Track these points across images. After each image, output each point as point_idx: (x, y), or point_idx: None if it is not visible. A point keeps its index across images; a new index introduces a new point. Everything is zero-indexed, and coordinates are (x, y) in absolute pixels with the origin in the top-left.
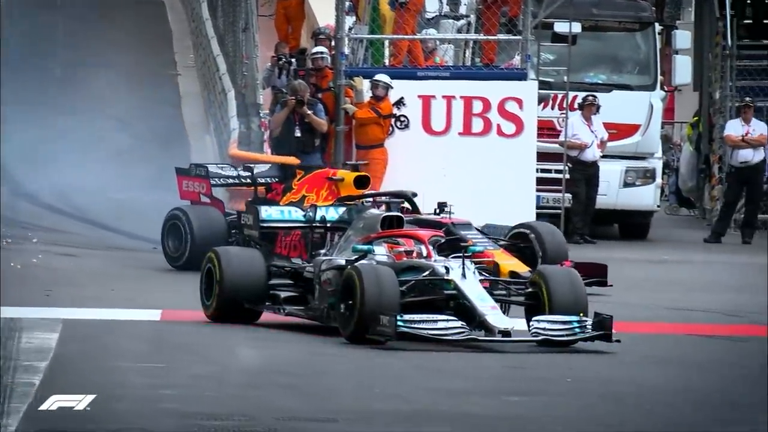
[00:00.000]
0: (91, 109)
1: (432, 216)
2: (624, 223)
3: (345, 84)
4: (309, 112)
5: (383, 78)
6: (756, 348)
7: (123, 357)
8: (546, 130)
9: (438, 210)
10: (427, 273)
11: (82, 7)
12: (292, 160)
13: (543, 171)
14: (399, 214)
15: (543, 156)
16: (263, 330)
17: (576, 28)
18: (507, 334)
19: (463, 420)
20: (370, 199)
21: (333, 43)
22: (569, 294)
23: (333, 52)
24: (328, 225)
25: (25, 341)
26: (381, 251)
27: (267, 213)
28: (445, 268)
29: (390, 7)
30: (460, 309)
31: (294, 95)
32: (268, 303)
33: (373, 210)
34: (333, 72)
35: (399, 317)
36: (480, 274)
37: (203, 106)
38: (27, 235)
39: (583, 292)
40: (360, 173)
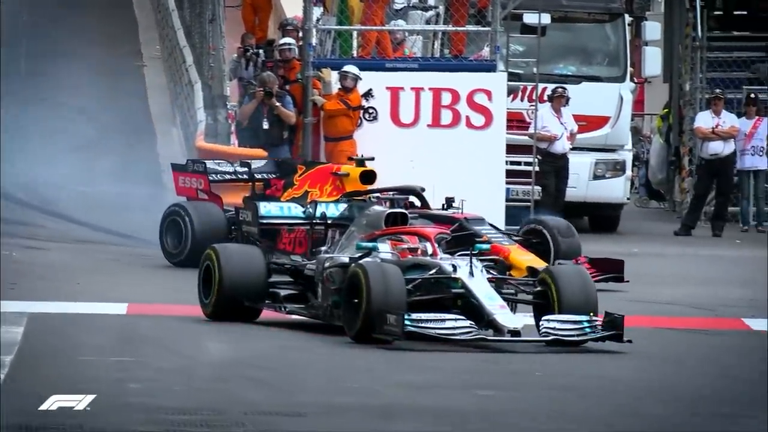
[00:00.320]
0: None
1: (444, 211)
2: (594, 216)
3: (313, 75)
4: (278, 104)
5: (352, 69)
6: (729, 342)
7: (89, 351)
8: (515, 122)
9: (446, 205)
10: (434, 271)
11: None
12: (259, 152)
13: (512, 163)
14: (403, 210)
15: (512, 148)
16: (232, 324)
17: (545, 19)
18: (516, 333)
19: (434, 414)
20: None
21: (301, 35)
22: (579, 293)
23: (300, 43)
24: (328, 222)
25: None
26: (385, 249)
27: (266, 209)
28: (453, 266)
29: None
30: (467, 308)
31: (263, 87)
32: (267, 301)
33: (377, 206)
34: (301, 63)
35: (407, 316)
36: (487, 272)
37: (170, 97)
38: None
39: (593, 290)
40: (366, 168)
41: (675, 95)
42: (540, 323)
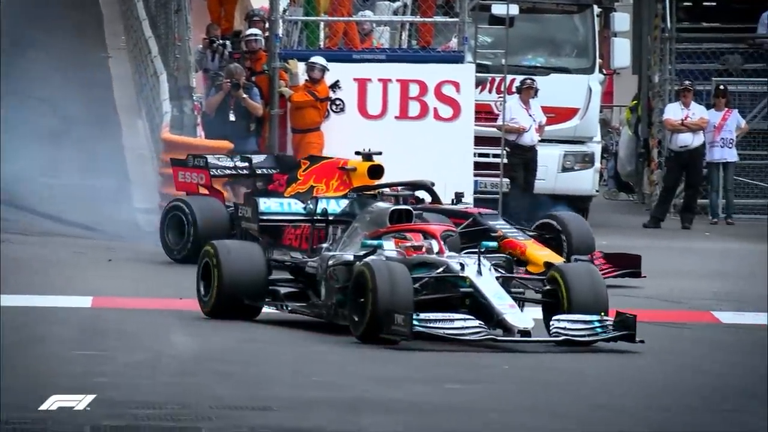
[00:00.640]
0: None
1: (458, 206)
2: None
3: (279, 67)
4: (245, 96)
5: (319, 60)
6: (701, 335)
7: (54, 344)
8: (483, 113)
9: (455, 200)
10: (441, 270)
11: None
12: (225, 144)
13: (480, 155)
14: (408, 207)
15: (480, 140)
16: (197, 316)
17: (513, 10)
18: (527, 334)
19: (401, 408)
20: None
21: (267, 25)
22: (589, 292)
23: (267, 34)
24: (330, 218)
25: None
26: (391, 246)
27: (266, 205)
28: (460, 264)
29: None
30: (475, 307)
31: (230, 79)
32: (268, 299)
33: (380, 203)
34: (267, 54)
35: (415, 316)
36: (496, 270)
37: (135, 89)
38: None
39: (604, 290)
40: (374, 163)
41: (644, 87)
42: (550, 323)
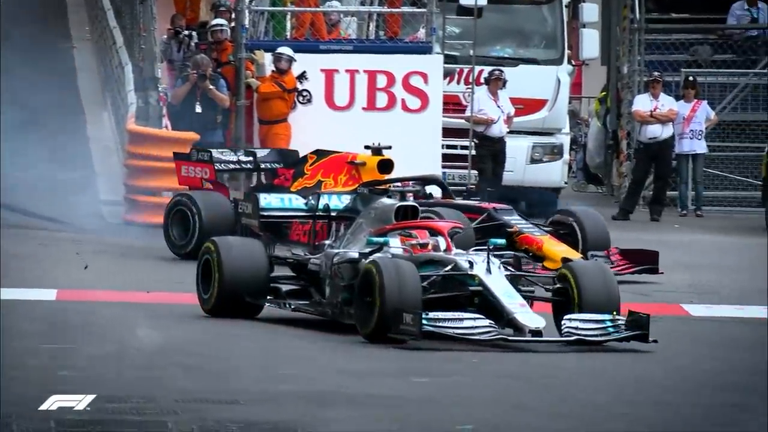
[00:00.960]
0: None
1: (472, 201)
2: (531, 200)
3: (246, 57)
4: (211, 87)
5: (286, 51)
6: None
7: (18, 337)
8: (451, 105)
9: (467, 195)
10: (449, 268)
11: None
12: (191, 135)
13: (449, 147)
14: (414, 203)
15: (448, 132)
16: (164, 308)
17: (482, 1)
18: (538, 333)
19: (369, 401)
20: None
21: (233, 16)
22: (601, 290)
23: (233, 24)
24: (332, 214)
25: None
26: (397, 244)
27: (266, 201)
28: (469, 262)
29: None
30: (485, 306)
31: (196, 70)
32: (270, 297)
33: (385, 199)
34: (233, 45)
35: (424, 315)
36: (505, 268)
37: (100, 80)
38: None
39: (616, 289)
40: (383, 157)
41: (613, 78)
42: (561, 323)
